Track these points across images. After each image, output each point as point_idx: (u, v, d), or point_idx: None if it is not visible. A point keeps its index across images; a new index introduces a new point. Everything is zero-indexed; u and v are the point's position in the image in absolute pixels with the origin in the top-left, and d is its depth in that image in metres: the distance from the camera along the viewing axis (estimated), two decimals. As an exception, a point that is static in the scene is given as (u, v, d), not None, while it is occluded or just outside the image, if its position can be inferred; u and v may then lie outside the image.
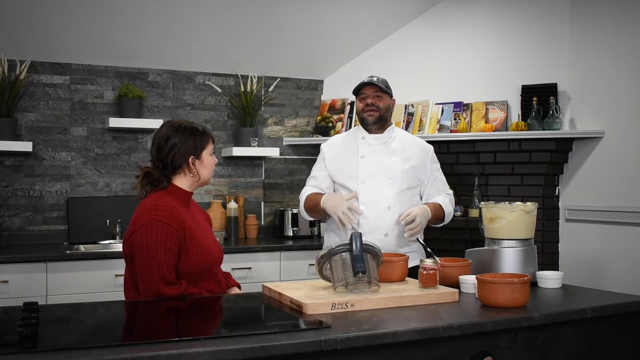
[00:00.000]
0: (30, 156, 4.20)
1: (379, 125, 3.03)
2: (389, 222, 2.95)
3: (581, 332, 2.18)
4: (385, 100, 3.03)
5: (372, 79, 3.03)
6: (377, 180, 2.98)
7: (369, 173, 2.99)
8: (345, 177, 3.03)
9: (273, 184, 4.89)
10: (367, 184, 2.98)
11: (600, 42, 3.98)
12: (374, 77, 3.04)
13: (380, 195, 2.96)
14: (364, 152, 3.03)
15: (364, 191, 2.97)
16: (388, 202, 2.96)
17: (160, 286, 2.30)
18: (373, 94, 3.01)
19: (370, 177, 2.99)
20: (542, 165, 4.12)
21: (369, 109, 3.01)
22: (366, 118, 3.02)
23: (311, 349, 1.71)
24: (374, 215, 2.95)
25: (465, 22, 4.49)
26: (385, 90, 3.02)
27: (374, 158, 3.01)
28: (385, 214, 2.95)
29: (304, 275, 4.17)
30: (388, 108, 3.04)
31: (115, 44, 4.23)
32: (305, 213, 3.09)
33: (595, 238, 3.99)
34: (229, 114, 4.76)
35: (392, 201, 2.96)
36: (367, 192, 2.97)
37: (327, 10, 4.37)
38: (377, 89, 3.00)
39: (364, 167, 3.00)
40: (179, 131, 2.48)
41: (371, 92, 3.01)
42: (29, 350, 1.60)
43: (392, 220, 2.95)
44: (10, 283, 3.52)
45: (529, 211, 2.57)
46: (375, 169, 2.99)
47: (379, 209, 2.95)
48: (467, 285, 2.39)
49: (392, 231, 2.94)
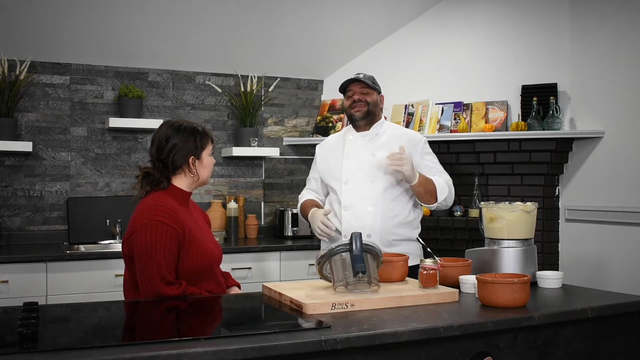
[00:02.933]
0: (30, 156, 4.20)
1: (367, 121, 3.02)
2: (371, 223, 2.92)
3: (581, 332, 2.18)
4: (373, 96, 3.00)
5: (358, 75, 3.01)
6: (360, 180, 2.97)
7: (352, 173, 2.99)
8: (331, 178, 3.06)
9: (273, 184, 4.89)
10: (350, 184, 2.98)
11: (600, 42, 3.98)
12: (360, 74, 3.03)
13: (362, 196, 2.95)
14: (348, 152, 3.03)
15: (346, 192, 2.97)
16: (370, 202, 2.94)
17: (160, 286, 2.30)
18: (359, 90, 3.00)
19: (352, 177, 2.98)
20: (542, 165, 4.12)
21: (356, 105, 2.99)
22: (354, 114, 3.01)
23: (311, 349, 1.71)
24: (355, 217, 2.94)
25: (465, 22, 4.49)
26: (372, 86, 3.00)
27: (357, 157, 3.00)
28: (367, 214, 2.93)
29: (304, 275, 4.17)
30: (376, 103, 3.02)
31: (115, 44, 4.23)
32: (303, 218, 3.17)
33: (595, 238, 3.99)
34: (229, 114, 4.76)
35: (375, 201, 2.94)
36: (350, 193, 2.97)
37: (327, 10, 4.37)
38: (364, 85, 2.99)
39: (347, 167, 3.00)
40: (180, 131, 2.48)
41: (357, 88, 3.00)
42: (29, 350, 1.60)
43: (374, 221, 2.93)
44: (10, 283, 3.52)
45: (529, 211, 2.57)
46: (358, 168, 2.98)
47: (361, 210, 2.94)
48: (467, 285, 2.39)
49: (374, 232, 2.92)
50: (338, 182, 3.02)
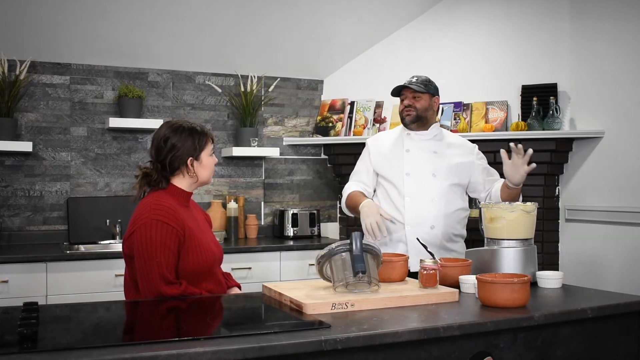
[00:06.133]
0: (30, 156, 4.20)
1: (418, 124, 3.09)
2: (434, 215, 2.98)
3: (581, 332, 2.18)
4: (424, 101, 3.07)
5: (411, 79, 3.09)
6: (422, 172, 3.03)
7: (414, 166, 3.04)
8: (390, 170, 3.09)
9: (273, 184, 4.89)
10: (412, 176, 3.03)
11: (600, 42, 3.98)
12: (413, 77, 3.10)
13: (425, 188, 3.01)
14: (409, 146, 3.09)
15: (408, 183, 3.02)
16: (433, 194, 3.00)
17: (161, 286, 2.30)
18: (410, 95, 3.08)
19: (415, 170, 3.04)
20: (542, 165, 4.11)
21: (407, 110, 3.08)
22: (404, 118, 3.10)
23: (311, 349, 1.71)
24: (418, 208, 2.99)
25: (465, 22, 4.49)
26: (424, 90, 3.06)
27: (419, 152, 3.07)
28: (429, 206, 2.99)
29: (304, 275, 4.18)
30: (427, 108, 3.08)
31: (115, 44, 4.23)
32: (346, 209, 3.18)
33: (595, 238, 3.99)
34: (229, 114, 4.76)
35: (437, 194, 3.00)
36: (412, 184, 3.02)
37: (327, 10, 4.37)
38: (414, 90, 3.06)
39: (409, 160, 3.06)
40: (178, 132, 2.47)
41: (409, 93, 3.08)
42: (29, 350, 1.60)
43: (437, 213, 2.99)
44: (10, 283, 3.52)
45: (529, 211, 2.57)
46: (420, 162, 3.04)
47: (424, 201, 2.99)
48: (467, 285, 2.39)
49: (438, 224, 2.98)
50: (399, 174, 3.05)
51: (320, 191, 5.03)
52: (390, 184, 3.08)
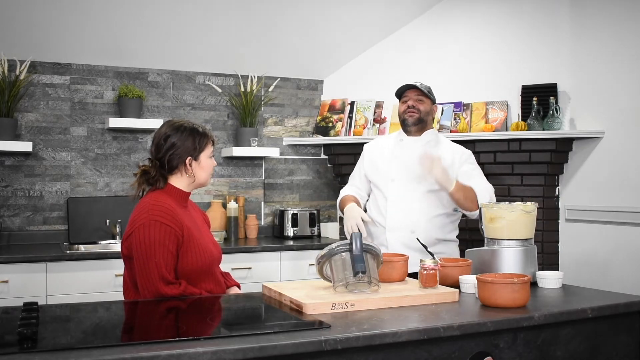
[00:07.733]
0: (30, 156, 4.20)
1: (418, 127, 3.13)
2: (413, 220, 3.04)
3: (581, 332, 2.18)
4: (426, 105, 3.13)
5: (416, 82, 3.13)
6: (407, 178, 3.07)
7: (400, 171, 3.10)
8: (378, 176, 3.17)
9: (273, 184, 4.89)
10: (397, 182, 3.09)
11: (600, 42, 3.98)
12: (417, 82, 3.15)
13: (408, 193, 3.06)
14: (398, 153, 3.15)
15: (392, 188, 3.09)
16: (415, 199, 3.05)
17: (160, 286, 2.30)
18: (415, 97, 3.12)
19: (400, 176, 3.09)
20: (542, 165, 4.12)
21: (409, 111, 3.12)
22: (406, 119, 3.13)
23: (311, 349, 1.71)
24: (399, 213, 3.06)
25: (465, 22, 4.49)
26: (427, 94, 3.12)
27: (406, 158, 3.11)
28: (412, 211, 3.04)
29: (304, 275, 4.17)
30: (428, 112, 3.14)
31: (115, 44, 4.23)
32: (340, 211, 3.24)
33: (595, 238, 3.99)
34: (229, 114, 4.76)
35: (420, 199, 3.05)
36: (396, 189, 3.09)
37: (327, 10, 4.37)
38: (419, 92, 3.11)
39: (396, 166, 3.12)
40: (179, 131, 2.47)
41: (413, 94, 3.13)
42: (29, 350, 1.60)
43: (417, 218, 3.04)
44: (10, 283, 3.52)
45: (529, 211, 2.57)
46: (406, 168, 3.08)
47: (406, 206, 3.05)
48: (467, 285, 2.39)
49: (418, 228, 3.02)
50: (385, 180, 3.13)
51: (320, 191, 5.03)
52: (378, 189, 3.17)
